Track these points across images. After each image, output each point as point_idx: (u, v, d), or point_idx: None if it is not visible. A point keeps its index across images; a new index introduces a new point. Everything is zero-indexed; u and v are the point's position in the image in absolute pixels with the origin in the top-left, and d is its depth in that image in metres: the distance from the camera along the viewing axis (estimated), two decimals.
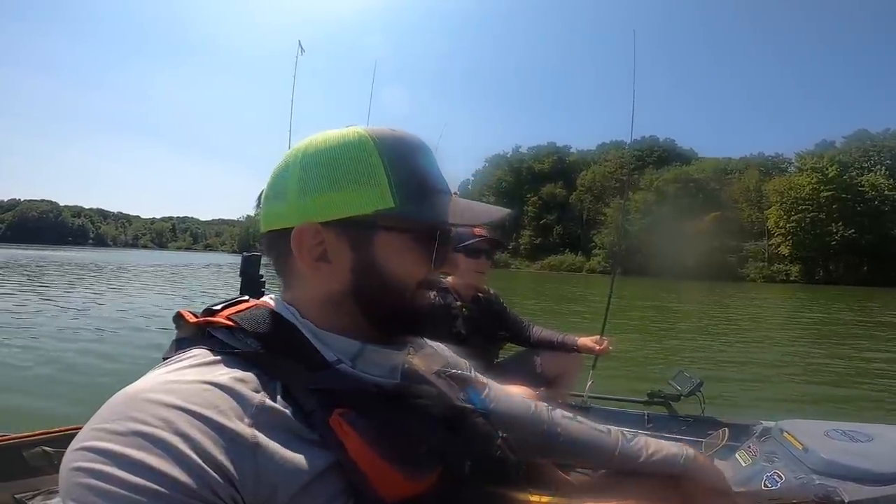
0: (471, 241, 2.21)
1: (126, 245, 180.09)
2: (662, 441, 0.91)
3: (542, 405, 0.92)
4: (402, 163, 0.57)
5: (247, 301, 0.61)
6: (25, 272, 19.83)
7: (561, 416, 0.92)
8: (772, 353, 7.98)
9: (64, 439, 1.27)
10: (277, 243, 0.59)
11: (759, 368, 6.68)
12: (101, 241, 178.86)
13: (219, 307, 0.59)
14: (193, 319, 0.57)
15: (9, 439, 1.24)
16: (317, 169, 0.56)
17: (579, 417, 0.93)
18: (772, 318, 14.87)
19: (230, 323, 0.54)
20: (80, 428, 0.43)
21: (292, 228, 0.56)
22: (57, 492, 1.12)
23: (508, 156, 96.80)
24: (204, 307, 0.60)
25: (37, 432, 1.28)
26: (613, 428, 0.91)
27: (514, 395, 0.92)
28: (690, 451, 0.90)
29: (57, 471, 1.26)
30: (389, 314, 0.59)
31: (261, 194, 0.63)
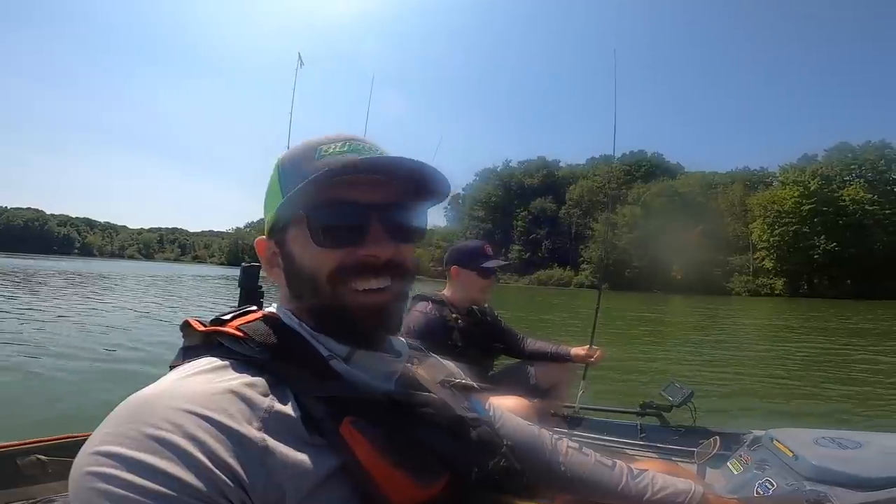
0: (488, 266, 2.24)
1: (112, 255, 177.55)
2: (671, 478, 0.87)
3: (547, 432, 0.89)
4: (289, 164, 0.63)
5: (255, 311, 0.63)
6: (18, 281, 19.64)
7: (566, 446, 0.88)
8: (759, 364, 8.11)
9: (59, 448, 1.26)
10: None
11: (748, 379, 6.79)
12: (86, 251, 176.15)
13: (228, 317, 0.60)
14: (202, 328, 0.58)
15: (2, 447, 1.23)
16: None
17: (585, 449, 0.89)
18: (757, 331, 15.06)
19: (239, 333, 0.56)
20: (76, 436, 0.43)
21: None
22: (52, 500, 1.12)
23: (499, 170, 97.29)
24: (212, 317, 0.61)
25: (31, 440, 1.27)
26: (620, 462, 0.88)
27: (518, 419, 0.89)
28: (699, 488, 0.86)
29: (51, 479, 1.26)
30: (317, 309, 0.60)
31: None
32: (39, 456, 1.24)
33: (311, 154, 0.62)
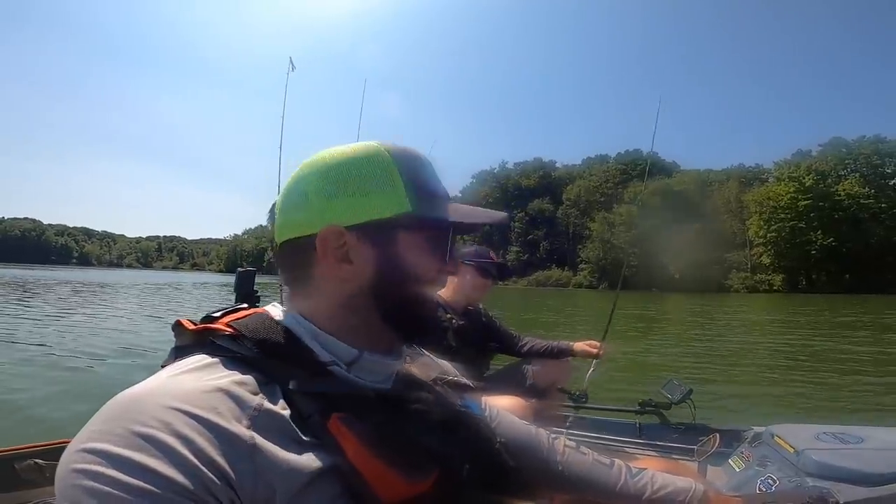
0: (487, 261, 2.32)
1: (111, 264, 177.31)
2: (670, 476, 0.86)
3: (544, 431, 0.88)
4: (413, 172, 0.61)
5: (245, 309, 0.62)
6: (16, 291, 19.61)
7: (563, 445, 0.88)
8: (758, 360, 8.11)
9: (56, 452, 1.25)
10: (296, 251, 0.60)
11: (747, 375, 6.79)
12: (84, 261, 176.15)
13: (218, 315, 0.59)
14: (192, 327, 0.57)
15: (0, 452, 1.22)
16: (338, 177, 0.59)
17: (583, 448, 0.89)
18: (756, 327, 15.06)
19: (229, 329, 0.55)
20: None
21: (312, 235, 0.58)
22: None
23: (495, 171, 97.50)
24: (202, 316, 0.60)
25: (29, 445, 1.26)
26: (618, 461, 0.87)
27: (514, 417, 0.89)
28: (700, 486, 0.84)
29: (49, 483, 1.24)
30: (406, 309, 0.61)
31: (273, 206, 0.65)
32: (37, 460, 1.24)
33: (431, 171, 0.64)
